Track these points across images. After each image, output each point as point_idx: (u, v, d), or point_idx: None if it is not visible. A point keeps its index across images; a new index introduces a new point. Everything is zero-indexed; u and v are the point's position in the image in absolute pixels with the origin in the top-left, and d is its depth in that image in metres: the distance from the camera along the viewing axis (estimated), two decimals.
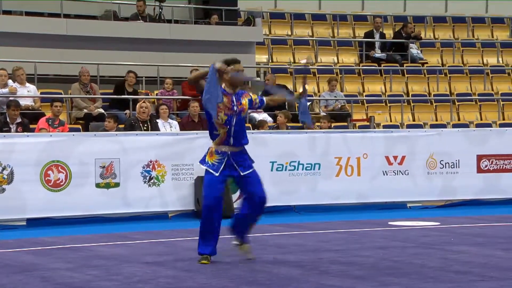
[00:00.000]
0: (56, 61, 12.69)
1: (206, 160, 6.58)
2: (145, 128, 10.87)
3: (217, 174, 6.49)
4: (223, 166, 6.52)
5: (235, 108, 6.54)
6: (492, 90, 15.97)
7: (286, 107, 12.91)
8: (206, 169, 6.56)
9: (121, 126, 11.12)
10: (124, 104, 12.07)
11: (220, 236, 6.67)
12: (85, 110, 11.87)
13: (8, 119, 10.61)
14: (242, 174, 6.55)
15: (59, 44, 12.91)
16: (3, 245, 7.95)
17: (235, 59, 6.71)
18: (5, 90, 11.48)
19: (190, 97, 12.23)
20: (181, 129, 11.37)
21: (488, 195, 11.48)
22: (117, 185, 9.84)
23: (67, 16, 13.57)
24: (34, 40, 12.76)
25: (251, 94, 6.78)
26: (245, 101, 6.64)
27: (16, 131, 10.40)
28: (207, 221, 6.53)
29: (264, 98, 6.92)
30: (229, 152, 6.55)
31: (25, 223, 9.49)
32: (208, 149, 6.65)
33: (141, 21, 13.81)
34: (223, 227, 6.69)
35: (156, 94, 12.83)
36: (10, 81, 11.63)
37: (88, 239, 8.37)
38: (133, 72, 12.16)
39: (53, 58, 12.69)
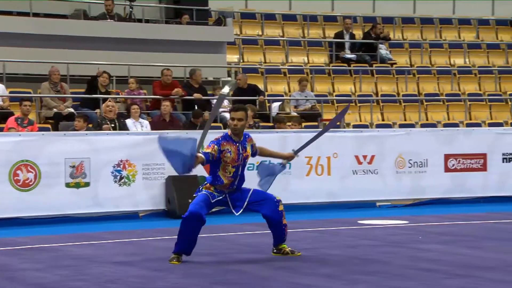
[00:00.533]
0: (26, 60, 12.56)
1: (201, 189, 6.63)
2: (112, 126, 10.82)
3: (212, 201, 6.55)
4: (217, 199, 6.58)
5: (240, 157, 6.57)
6: (459, 90, 16.16)
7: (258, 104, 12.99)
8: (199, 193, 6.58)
9: (90, 125, 11.05)
10: (95, 103, 12.00)
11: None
12: (55, 110, 11.78)
13: None
14: (236, 214, 6.67)
15: (29, 43, 12.77)
16: None
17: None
18: None
19: (161, 97, 12.21)
20: (152, 129, 11.34)
21: (455, 194, 11.62)
22: (87, 184, 9.79)
23: (36, 15, 13.43)
24: (3, 39, 12.59)
25: (251, 138, 6.74)
26: (249, 147, 6.67)
27: None
28: (186, 226, 6.55)
29: (258, 149, 6.86)
30: (227, 192, 6.63)
31: None
32: (204, 185, 6.66)
33: (111, 20, 13.72)
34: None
35: (124, 94, 12.77)
36: None
37: (57, 239, 8.32)
38: (106, 73, 12.10)
39: (22, 57, 12.55)
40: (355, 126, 13.43)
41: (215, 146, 6.48)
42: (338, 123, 6.63)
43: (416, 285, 5.62)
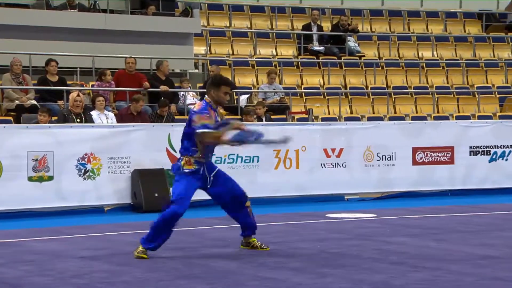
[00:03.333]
0: None
1: (183, 168, 6.55)
2: (78, 121, 10.61)
3: (193, 181, 6.50)
4: (200, 173, 6.54)
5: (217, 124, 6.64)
6: (427, 83, 16.23)
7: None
8: (183, 174, 6.52)
9: (54, 118, 10.83)
10: (53, 94, 11.73)
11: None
12: (17, 102, 11.52)
13: None
14: (209, 188, 6.62)
15: None
16: None
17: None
18: None
19: (132, 89, 12.01)
20: (118, 121, 11.17)
21: (423, 187, 11.67)
22: (50, 178, 9.65)
23: None
24: None
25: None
26: (219, 115, 6.76)
27: None
28: (168, 225, 6.51)
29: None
30: (205, 163, 6.58)
31: None
32: (182, 160, 6.59)
33: (75, 10, 13.47)
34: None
35: (92, 86, 12.55)
36: None
37: (20, 234, 8.18)
38: (54, 61, 11.84)
39: None
40: (323, 119, 13.41)
41: (207, 114, 6.53)
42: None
43: (384, 278, 5.63)
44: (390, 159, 11.50)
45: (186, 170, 6.53)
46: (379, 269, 5.95)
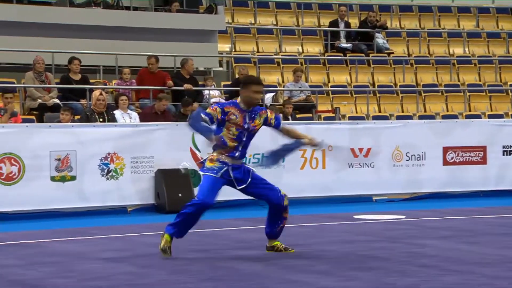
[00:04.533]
0: (9, 49, 12.29)
1: (206, 165, 6.53)
2: (101, 120, 10.52)
3: (217, 176, 6.43)
4: (222, 171, 6.47)
5: (246, 126, 6.52)
6: (459, 81, 15.98)
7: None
8: (204, 174, 6.50)
9: (77, 117, 10.75)
10: (75, 93, 11.66)
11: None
12: (40, 100, 11.46)
13: None
14: (238, 188, 6.54)
15: (12, 31, 12.53)
16: None
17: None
18: None
19: (155, 88, 11.91)
20: (141, 120, 11.09)
21: (454, 187, 11.48)
22: (73, 178, 9.58)
23: (20, 1, 13.21)
24: None
25: (269, 112, 6.68)
26: (259, 119, 6.59)
27: None
28: (190, 221, 6.48)
29: (282, 125, 6.77)
30: (230, 164, 6.49)
31: None
32: (208, 156, 6.57)
33: (98, 8, 13.41)
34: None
35: (114, 84, 12.46)
36: None
37: (42, 234, 8.14)
38: (77, 59, 11.78)
39: (5, 45, 12.29)
40: (350, 118, 13.28)
41: (218, 108, 6.49)
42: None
43: (414, 282, 5.47)
44: (420, 159, 11.32)
45: (206, 167, 6.48)
46: (409, 272, 5.80)
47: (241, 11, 16.80)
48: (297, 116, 12.71)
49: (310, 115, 13.14)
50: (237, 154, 6.50)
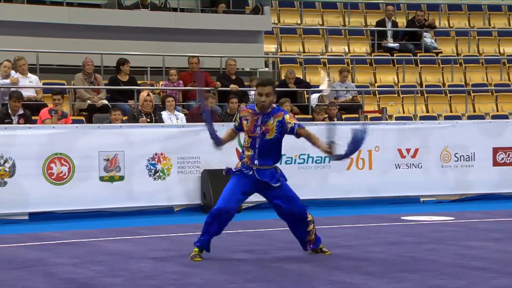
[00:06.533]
0: (59, 51, 12.45)
1: (233, 168, 6.44)
2: (148, 120, 10.62)
3: (238, 173, 6.31)
4: (247, 173, 6.31)
5: (257, 130, 6.25)
6: (509, 80, 15.67)
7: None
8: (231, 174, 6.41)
9: (125, 118, 10.88)
10: (123, 94, 11.79)
11: (226, 232, 6.53)
12: (89, 102, 11.63)
13: (9, 111, 10.38)
14: (275, 185, 6.29)
15: (62, 33, 12.71)
16: (5, 240, 7.82)
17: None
18: (7, 81, 11.24)
19: (202, 88, 11.95)
20: (188, 121, 11.15)
21: (504, 189, 11.29)
22: (121, 178, 9.68)
23: (70, 4, 13.39)
24: (36, 29, 12.55)
25: (287, 116, 6.28)
26: (272, 122, 6.24)
27: (18, 123, 10.20)
28: (208, 230, 6.37)
29: (300, 128, 6.27)
30: (255, 169, 6.31)
31: (27, 218, 9.36)
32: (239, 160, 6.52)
33: (146, 9, 13.56)
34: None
35: (161, 85, 12.57)
36: (12, 72, 11.38)
37: (91, 234, 8.23)
38: (128, 61, 11.89)
39: (55, 47, 12.45)
40: (398, 118, 13.14)
41: (238, 114, 6.47)
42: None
43: (465, 284, 5.37)
44: (469, 160, 11.16)
45: (232, 169, 6.41)
46: (459, 275, 5.69)
47: (287, 12, 16.77)
48: (343, 116, 12.62)
49: (357, 115, 13.04)
50: (255, 162, 6.27)
